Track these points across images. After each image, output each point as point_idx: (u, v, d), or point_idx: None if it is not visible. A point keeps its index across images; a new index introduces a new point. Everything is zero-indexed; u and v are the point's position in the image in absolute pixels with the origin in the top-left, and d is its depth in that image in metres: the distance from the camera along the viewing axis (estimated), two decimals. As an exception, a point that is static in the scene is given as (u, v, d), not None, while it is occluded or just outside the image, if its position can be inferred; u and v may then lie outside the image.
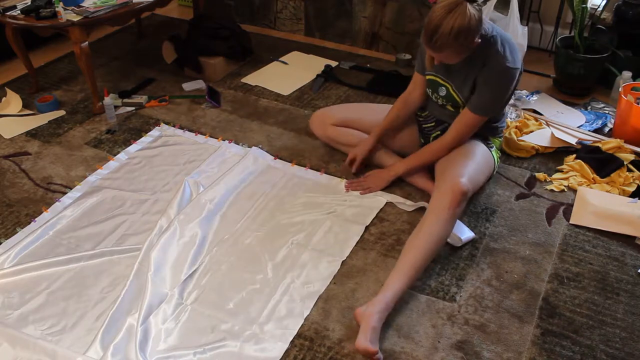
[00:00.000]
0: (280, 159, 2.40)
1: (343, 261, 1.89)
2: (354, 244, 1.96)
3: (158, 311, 1.69)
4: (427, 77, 2.09)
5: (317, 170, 2.33)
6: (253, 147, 2.44)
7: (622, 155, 2.31)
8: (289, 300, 1.75)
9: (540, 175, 2.29)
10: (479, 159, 2.01)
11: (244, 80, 3.06)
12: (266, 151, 2.44)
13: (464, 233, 1.95)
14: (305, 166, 2.35)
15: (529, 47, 2.82)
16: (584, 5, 2.74)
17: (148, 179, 2.30)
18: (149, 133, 2.59)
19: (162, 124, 2.66)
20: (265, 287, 1.79)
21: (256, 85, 3.00)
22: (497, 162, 2.17)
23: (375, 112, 2.32)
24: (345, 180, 2.26)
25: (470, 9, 1.73)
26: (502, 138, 2.24)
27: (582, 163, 2.29)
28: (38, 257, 1.90)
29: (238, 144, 2.50)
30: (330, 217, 2.07)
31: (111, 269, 1.86)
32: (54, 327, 1.66)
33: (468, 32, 1.74)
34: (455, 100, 2.02)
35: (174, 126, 2.65)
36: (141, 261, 1.83)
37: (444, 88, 2.04)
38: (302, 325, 1.67)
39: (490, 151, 2.10)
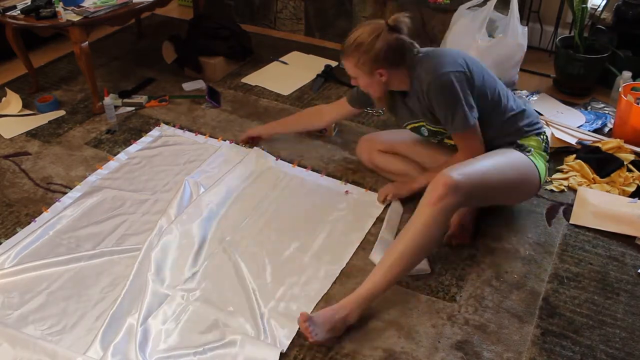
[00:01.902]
0: (281, 159, 2.40)
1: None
2: (354, 250, 1.94)
3: (158, 312, 1.69)
4: (407, 127, 2.04)
5: (319, 172, 2.33)
6: (255, 147, 2.44)
7: (622, 155, 2.31)
8: (289, 301, 1.75)
9: (540, 175, 2.28)
10: (496, 160, 1.80)
11: (244, 80, 3.06)
12: (267, 152, 2.44)
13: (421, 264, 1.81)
14: (306, 167, 2.35)
15: (529, 47, 2.82)
16: (584, 5, 2.74)
17: (148, 179, 2.29)
18: (149, 133, 2.59)
19: (162, 124, 2.66)
20: (265, 288, 1.79)
21: (256, 85, 3.00)
22: (542, 169, 1.89)
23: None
24: (344, 183, 2.26)
25: (386, 35, 1.74)
26: (543, 136, 1.94)
27: (582, 163, 2.29)
28: (38, 257, 1.90)
29: (239, 144, 2.50)
30: (331, 222, 2.07)
31: (111, 269, 1.86)
32: (54, 327, 1.66)
33: (367, 51, 1.75)
34: (439, 131, 1.94)
35: (174, 126, 2.65)
36: (141, 261, 1.83)
37: (424, 129, 1.98)
38: (302, 325, 1.67)
39: (528, 157, 1.85)
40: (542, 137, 1.94)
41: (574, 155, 2.37)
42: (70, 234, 2.00)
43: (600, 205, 2.09)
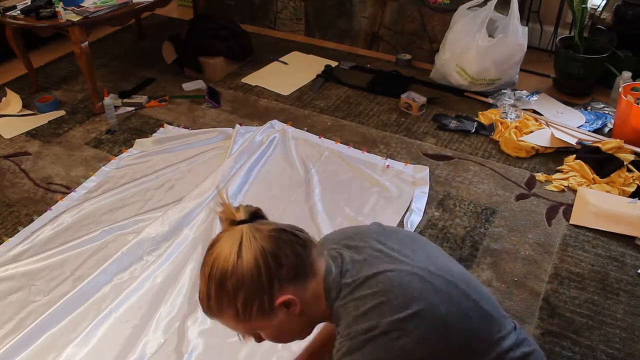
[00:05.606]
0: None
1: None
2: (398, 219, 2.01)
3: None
4: None
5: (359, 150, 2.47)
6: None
7: (622, 156, 2.31)
8: None
9: (540, 176, 2.29)
10: None
11: (244, 80, 3.06)
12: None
13: None
14: (348, 145, 2.44)
15: (529, 47, 2.82)
16: (584, 5, 2.74)
17: (166, 165, 2.38)
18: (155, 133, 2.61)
19: (166, 125, 2.66)
20: None
21: (256, 85, 3.00)
22: None
23: None
24: (384, 158, 2.39)
25: (259, 241, 0.97)
26: None
27: (582, 163, 2.29)
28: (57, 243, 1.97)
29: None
30: (376, 193, 2.14)
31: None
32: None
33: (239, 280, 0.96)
34: None
35: (178, 126, 2.65)
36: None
37: None
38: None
39: None
40: None
41: (574, 155, 2.37)
42: (89, 220, 2.08)
43: (600, 205, 2.09)
